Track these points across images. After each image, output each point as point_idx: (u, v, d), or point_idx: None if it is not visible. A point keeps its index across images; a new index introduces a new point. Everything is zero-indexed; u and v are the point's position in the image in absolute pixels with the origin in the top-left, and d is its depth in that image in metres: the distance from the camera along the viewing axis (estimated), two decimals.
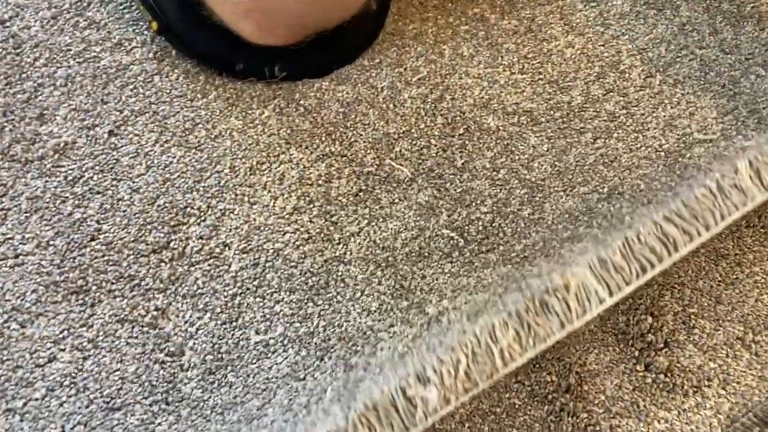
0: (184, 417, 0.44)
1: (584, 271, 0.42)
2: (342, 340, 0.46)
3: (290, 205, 0.52)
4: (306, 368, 0.45)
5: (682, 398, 0.48)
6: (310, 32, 0.57)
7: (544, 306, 0.40)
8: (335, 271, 0.49)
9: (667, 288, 0.54)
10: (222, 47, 0.58)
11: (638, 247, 0.42)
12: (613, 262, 0.42)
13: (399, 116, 0.58)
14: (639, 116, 0.59)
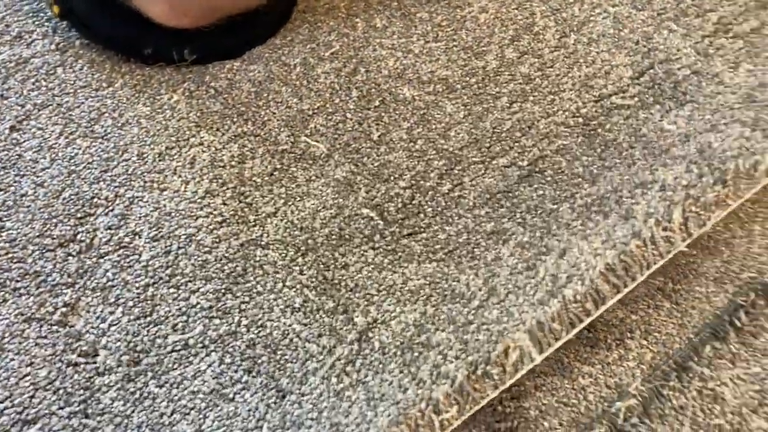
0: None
1: (523, 336, 0.43)
2: (268, 348, 0.44)
3: (202, 189, 0.51)
4: (233, 383, 0.43)
5: (605, 352, 0.48)
6: (224, 14, 0.56)
7: (485, 375, 0.41)
8: (252, 256, 0.48)
9: None
10: (129, 30, 0.56)
11: (573, 307, 0.43)
12: (550, 326, 0.43)
13: (313, 92, 0.57)
14: (554, 77, 0.59)
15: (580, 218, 0.48)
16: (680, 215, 0.46)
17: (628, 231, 0.46)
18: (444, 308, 0.45)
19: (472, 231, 0.50)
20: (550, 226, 0.49)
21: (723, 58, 0.60)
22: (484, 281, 0.46)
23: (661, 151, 0.53)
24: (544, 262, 0.46)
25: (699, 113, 0.55)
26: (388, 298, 0.46)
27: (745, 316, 0.48)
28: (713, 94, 0.57)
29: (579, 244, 0.46)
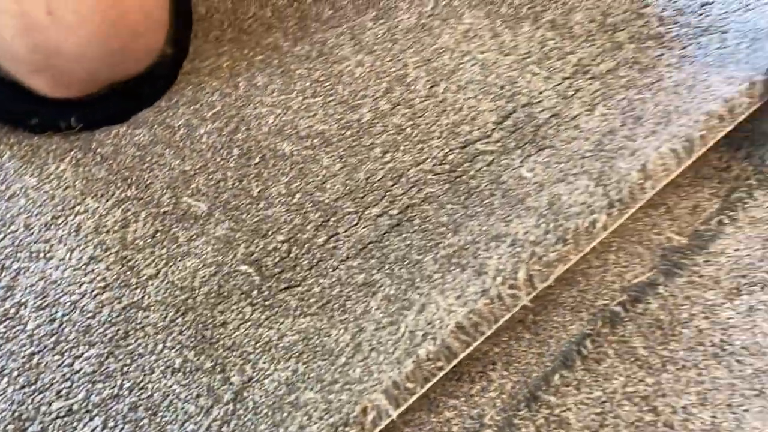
0: None
1: (380, 396, 0.47)
2: (149, 410, 0.47)
3: (86, 255, 0.54)
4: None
5: (469, 384, 0.52)
6: (106, 83, 0.59)
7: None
8: (134, 319, 0.51)
9: None
10: (14, 102, 0.59)
11: (426, 365, 0.47)
12: (404, 385, 0.47)
13: (195, 153, 0.60)
14: (424, 126, 0.63)
15: (440, 271, 0.53)
16: (525, 273, 0.50)
17: (479, 288, 0.50)
18: (314, 365, 0.49)
19: (345, 283, 0.54)
20: (414, 278, 0.53)
21: (581, 100, 0.65)
22: (351, 336, 0.50)
23: (518, 200, 0.57)
24: (405, 317, 0.50)
25: (555, 160, 0.60)
26: (264, 356, 0.50)
27: (590, 343, 0.53)
28: (569, 140, 0.62)
29: (437, 299, 0.50)
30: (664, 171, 0.56)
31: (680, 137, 0.57)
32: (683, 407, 0.50)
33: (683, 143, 0.57)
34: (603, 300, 0.56)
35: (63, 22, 0.51)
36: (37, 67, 0.55)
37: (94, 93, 0.59)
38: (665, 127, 0.60)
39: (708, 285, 0.56)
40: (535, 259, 0.50)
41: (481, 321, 0.49)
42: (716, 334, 0.53)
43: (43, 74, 0.56)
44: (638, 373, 0.52)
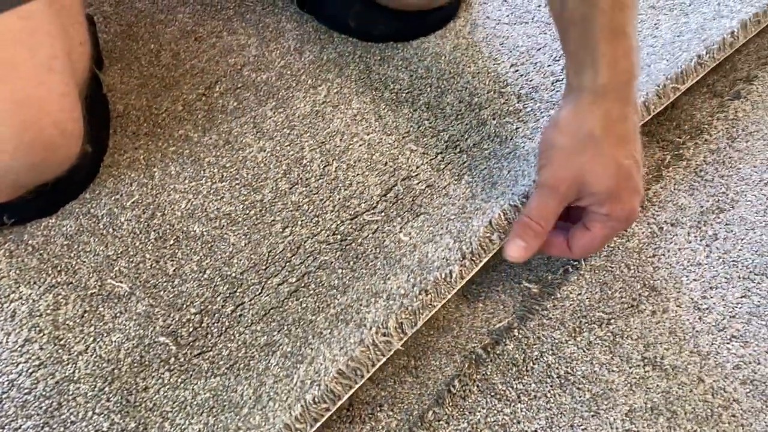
0: None
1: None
2: None
3: (21, 338, 0.62)
4: None
5: (360, 425, 0.62)
6: (31, 187, 0.67)
7: None
8: (66, 391, 0.60)
9: None
10: None
11: (313, 408, 0.57)
12: (295, 426, 0.57)
13: (117, 238, 0.69)
14: (319, 202, 0.74)
15: (330, 327, 0.63)
16: (395, 322, 0.60)
17: (357, 338, 0.60)
18: (222, 417, 0.58)
19: (249, 345, 0.63)
20: (307, 336, 0.63)
21: (451, 172, 0.77)
22: (254, 390, 0.59)
23: (395, 260, 0.68)
24: (298, 369, 0.60)
25: (427, 224, 0.71)
26: (180, 413, 0.59)
27: (458, 383, 0.63)
28: (440, 206, 0.73)
29: (324, 351, 0.60)
30: (508, 225, 0.68)
31: (520, 195, 0.69)
32: (534, 431, 0.61)
33: (522, 200, 0.69)
34: (472, 343, 0.67)
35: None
36: None
37: (24, 195, 0.67)
38: (512, 188, 0.72)
39: (555, 326, 0.67)
40: (403, 309, 0.61)
41: (360, 366, 0.58)
42: (561, 367, 0.65)
43: None
44: (497, 405, 0.62)
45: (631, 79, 0.61)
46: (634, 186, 0.61)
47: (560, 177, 0.61)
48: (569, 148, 0.61)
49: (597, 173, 0.60)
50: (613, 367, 0.65)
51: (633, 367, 0.65)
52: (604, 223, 0.61)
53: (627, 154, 0.60)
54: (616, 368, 0.65)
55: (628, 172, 0.60)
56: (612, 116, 0.60)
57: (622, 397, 0.64)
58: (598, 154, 0.60)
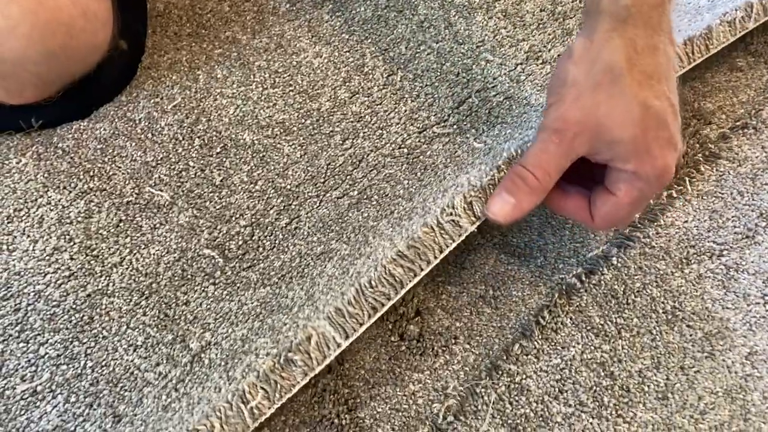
0: None
1: (323, 323, 0.46)
2: (110, 383, 0.48)
3: (50, 246, 0.54)
4: (75, 417, 0.47)
5: (433, 358, 0.54)
6: (60, 86, 0.59)
7: (288, 362, 0.45)
8: (99, 304, 0.52)
9: None
10: None
11: (369, 292, 0.47)
12: (347, 310, 0.47)
13: (157, 144, 0.61)
14: (382, 114, 0.65)
15: (392, 227, 0.54)
16: (462, 201, 0.50)
17: (421, 223, 0.51)
18: (269, 320, 0.50)
19: (304, 255, 0.55)
20: (368, 238, 0.54)
21: (532, 83, 0.67)
22: (305, 292, 0.51)
23: (467, 164, 0.59)
24: (355, 265, 0.51)
25: (505, 131, 0.62)
26: (223, 323, 0.51)
27: (548, 314, 0.54)
28: (520, 114, 0.64)
29: (384, 244, 0.51)
30: None
31: None
32: (638, 371, 0.52)
33: None
34: (560, 274, 0.58)
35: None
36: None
37: (49, 97, 0.59)
38: None
39: (659, 255, 0.58)
40: (471, 188, 0.51)
41: (423, 249, 0.49)
42: (668, 302, 0.55)
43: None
44: (594, 340, 0.53)
45: (663, 3, 0.47)
46: (668, 136, 0.46)
47: (568, 119, 0.47)
48: (582, 84, 0.47)
49: (617, 117, 0.45)
50: (728, 304, 0.56)
51: (751, 305, 0.56)
52: (631, 183, 0.47)
53: (658, 94, 0.46)
54: (732, 305, 0.56)
55: (659, 117, 0.46)
56: (637, 46, 0.46)
57: (741, 338, 0.54)
58: (618, 93, 0.46)
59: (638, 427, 0.50)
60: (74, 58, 0.57)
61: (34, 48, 0.52)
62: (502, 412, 0.50)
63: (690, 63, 0.62)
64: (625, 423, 0.50)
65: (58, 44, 0.54)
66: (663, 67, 0.47)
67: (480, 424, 0.49)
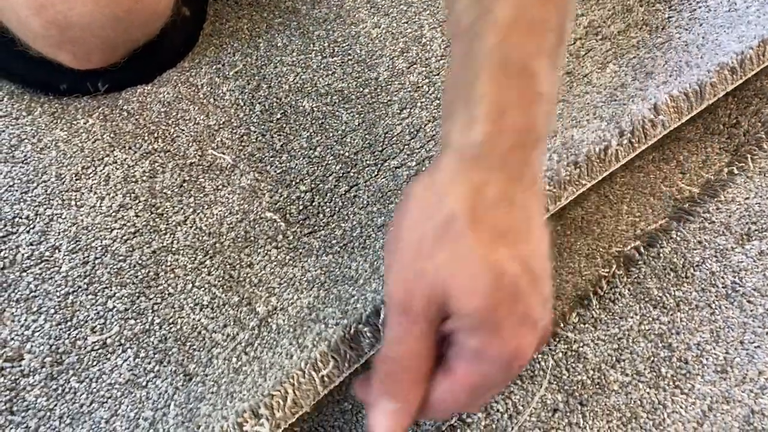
0: (32, 428, 0.46)
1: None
2: (178, 341, 0.49)
3: (116, 203, 0.55)
4: (146, 373, 0.48)
5: None
6: (126, 51, 0.60)
7: (357, 334, 0.46)
8: (164, 261, 0.53)
9: None
10: (44, 74, 0.60)
11: None
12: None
13: (219, 109, 0.62)
14: (440, 84, 0.65)
15: None
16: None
17: None
18: (335, 290, 0.51)
19: (365, 225, 0.55)
20: None
21: (592, 60, 0.67)
22: (370, 264, 0.52)
23: None
24: None
25: (567, 111, 0.62)
26: (288, 289, 0.52)
27: (606, 285, 0.54)
28: (582, 94, 0.63)
29: None
30: (675, 113, 0.58)
31: (692, 83, 0.59)
32: (697, 344, 0.52)
33: (694, 88, 0.58)
34: (617, 247, 0.58)
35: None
36: (56, 43, 0.57)
37: (115, 62, 0.60)
38: (677, 78, 0.61)
39: (719, 230, 0.57)
40: (547, 180, 0.51)
41: None
42: (728, 277, 0.55)
43: (63, 49, 0.57)
44: (653, 312, 0.53)
45: (527, 143, 0.37)
46: (523, 311, 0.35)
47: (409, 287, 0.36)
48: (421, 238, 0.36)
49: (461, 283, 0.35)
50: None
51: None
52: (473, 363, 0.36)
53: (513, 257, 0.35)
54: None
55: (513, 287, 0.35)
56: (487, 195, 0.36)
57: None
58: (463, 253, 0.35)
59: (696, 399, 0.49)
60: (138, 24, 0.58)
61: (101, 12, 0.54)
62: (559, 378, 0.50)
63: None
64: (683, 394, 0.50)
65: (124, 9, 0.55)
66: (520, 223, 0.36)
67: (537, 389, 0.49)
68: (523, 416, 0.48)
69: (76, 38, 0.56)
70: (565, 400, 0.48)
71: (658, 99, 0.58)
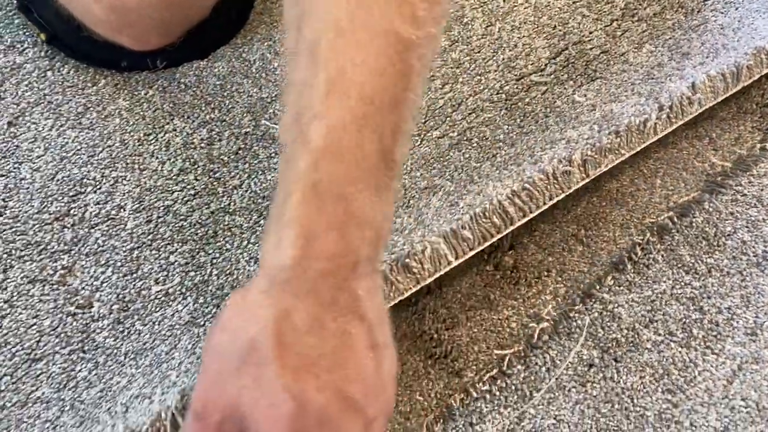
0: (101, 363, 0.50)
1: (439, 239, 0.51)
2: (234, 288, 0.53)
3: (176, 168, 0.59)
4: (204, 315, 0.52)
5: (526, 288, 0.57)
6: (182, 32, 0.64)
7: (404, 267, 0.49)
8: (222, 221, 0.57)
9: None
10: (107, 53, 0.64)
11: (483, 221, 0.51)
12: (461, 234, 0.51)
13: (270, 83, 0.65)
14: (481, 61, 0.67)
15: (498, 170, 0.57)
16: (579, 157, 0.54)
17: (536, 169, 0.54)
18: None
19: (409, 188, 0.58)
20: (473, 177, 0.57)
21: (629, 40, 0.69)
22: (414, 219, 0.55)
23: (571, 118, 0.61)
24: (463, 199, 0.54)
25: (606, 88, 0.64)
26: None
27: (640, 251, 0.57)
28: (619, 72, 0.66)
29: (495, 184, 0.55)
30: (712, 92, 0.60)
31: (729, 65, 0.61)
32: (728, 308, 0.54)
33: (731, 70, 0.61)
34: (650, 218, 0.60)
35: None
36: (116, 27, 0.61)
37: (172, 42, 0.64)
38: (714, 59, 0.63)
39: (751, 203, 0.59)
40: (588, 146, 0.54)
41: (536, 193, 0.53)
42: (758, 246, 0.57)
43: (124, 32, 0.61)
44: (685, 277, 0.55)
45: (340, 268, 0.35)
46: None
47: (207, 400, 0.36)
48: (225, 358, 0.36)
49: (262, 411, 0.34)
50: None
51: None
52: None
53: (322, 385, 0.34)
54: None
55: (319, 415, 0.34)
56: (294, 321, 0.35)
57: None
58: (265, 381, 0.34)
59: (726, 359, 0.52)
60: (191, 4, 0.62)
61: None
62: (594, 336, 0.52)
63: None
64: (714, 354, 0.52)
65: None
66: (332, 350, 0.35)
67: (573, 345, 0.52)
68: (560, 369, 0.50)
69: (134, 21, 0.60)
70: (600, 356, 0.51)
71: (696, 78, 0.60)
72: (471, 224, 0.51)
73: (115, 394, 0.48)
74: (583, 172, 0.54)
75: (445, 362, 0.52)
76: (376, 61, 0.36)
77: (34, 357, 0.50)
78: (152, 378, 0.48)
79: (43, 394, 0.48)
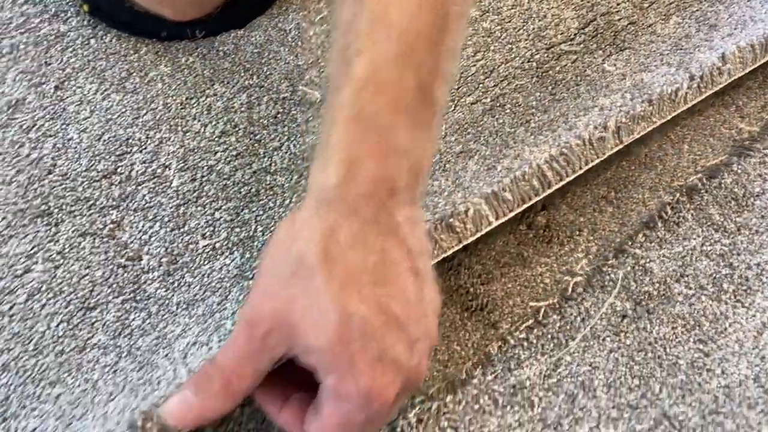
0: (154, 312, 0.52)
1: (480, 201, 0.53)
2: None
3: (218, 130, 0.61)
4: (252, 269, 0.54)
5: (558, 246, 0.58)
6: (216, 3, 0.66)
7: (448, 227, 0.51)
8: (264, 180, 0.59)
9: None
10: (148, 23, 0.67)
11: (522, 184, 0.54)
12: (502, 196, 0.53)
13: (307, 50, 0.67)
14: (512, 30, 0.69)
15: (533, 135, 0.59)
16: (614, 123, 0.56)
17: (572, 134, 0.56)
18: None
19: (444, 153, 0.60)
20: (508, 142, 0.59)
21: (656, 11, 0.70)
22: (452, 182, 0.57)
23: (602, 86, 0.63)
24: (501, 163, 0.56)
25: (635, 57, 0.66)
26: None
27: (670, 210, 0.58)
28: (648, 42, 0.67)
29: (531, 149, 0.56)
30: (741, 63, 0.61)
31: (758, 36, 0.62)
32: (757, 264, 0.55)
33: (761, 41, 0.62)
34: (679, 181, 0.62)
35: None
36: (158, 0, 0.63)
37: (209, 13, 0.66)
38: (742, 30, 0.65)
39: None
40: (622, 113, 0.56)
41: (573, 158, 0.54)
42: None
43: (164, 4, 0.64)
44: (714, 235, 0.57)
45: (380, 192, 0.38)
46: (377, 349, 0.36)
47: (258, 312, 0.38)
48: (276, 273, 0.39)
49: (311, 320, 0.37)
50: None
51: None
52: (335, 403, 0.37)
53: (364, 298, 0.36)
54: None
55: (363, 327, 0.36)
56: (339, 237, 0.37)
57: None
58: (313, 292, 0.37)
59: (756, 312, 0.53)
60: None
61: None
62: (627, 288, 0.54)
63: None
64: (744, 308, 0.53)
65: None
66: (374, 266, 0.37)
67: (606, 297, 0.53)
68: (594, 319, 0.52)
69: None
70: (633, 307, 0.53)
71: (726, 49, 0.62)
72: (511, 186, 0.54)
73: (170, 341, 0.50)
74: (617, 138, 0.56)
75: (482, 314, 0.54)
76: (416, 3, 0.38)
77: (88, 306, 0.52)
78: (207, 327, 0.50)
79: (99, 340, 0.50)
